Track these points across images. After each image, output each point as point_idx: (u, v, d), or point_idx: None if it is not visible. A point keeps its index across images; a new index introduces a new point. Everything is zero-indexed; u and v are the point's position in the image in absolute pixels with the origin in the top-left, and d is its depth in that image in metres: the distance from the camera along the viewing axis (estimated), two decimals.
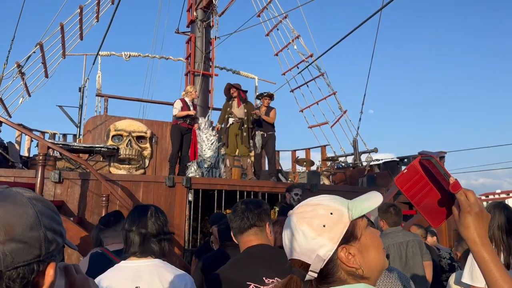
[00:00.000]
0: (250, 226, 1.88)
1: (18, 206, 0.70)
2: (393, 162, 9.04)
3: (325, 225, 0.92)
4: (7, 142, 7.83)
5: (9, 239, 0.66)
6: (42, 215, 0.72)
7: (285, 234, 0.98)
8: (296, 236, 0.94)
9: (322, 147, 11.51)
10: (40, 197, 0.76)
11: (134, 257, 1.76)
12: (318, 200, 0.99)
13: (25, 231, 0.68)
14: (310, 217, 0.94)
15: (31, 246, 0.69)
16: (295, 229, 0.95)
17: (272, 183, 7.06)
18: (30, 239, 0.69)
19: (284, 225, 1.00)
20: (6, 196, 0.71)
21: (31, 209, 0.71)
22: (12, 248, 0.66)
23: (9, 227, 0.67)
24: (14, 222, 0.68)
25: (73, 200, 5.49)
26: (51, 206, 0.77)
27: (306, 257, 0.93)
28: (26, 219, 0.69)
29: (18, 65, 8.52)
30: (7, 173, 5.49)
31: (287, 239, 0.97)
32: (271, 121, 7.67)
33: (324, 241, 0.91)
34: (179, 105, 7.18)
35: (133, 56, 12.14)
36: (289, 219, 0.99)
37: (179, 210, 5.93)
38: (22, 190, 0.75)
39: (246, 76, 14.67)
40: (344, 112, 11.04)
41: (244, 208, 1.91)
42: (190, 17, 10.84)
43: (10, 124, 5.41)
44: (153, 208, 1.84)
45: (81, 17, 9.67)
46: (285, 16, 10.99)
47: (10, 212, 0.68)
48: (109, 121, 9.74)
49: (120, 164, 6.71)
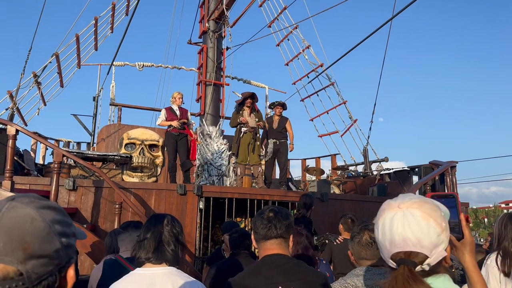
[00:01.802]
0: (276, 236, 1.87)
1: (29, 221, 0.70)
2: (404, 172, 8.98)
3: (445, 224, 1.06)
4: (23, 150, 8.01)
5: (29, 257, 0.68)
6: (54, 224, 0.73)
7: (408, 227, 1.04)
8: (426, 230, 1.03)
9: (332, 156, 11.51)
10: (47, 203, 0.76)
11: (149, 263, 1.78)
12: (431, 200, 1.10)
13: (42, 245, 0.69)
14: (435, 215, 1.05)
15: (51, 258, 0.71)
16: (426, 224, 1.03)
17: (282, 192, 7.08)
18: (48, 252, 0.70)
19: (401, 218, 1.05)
20: (16, 213, 0.70)
21: (42, 222, 0.71)
22: (34, 264, 0.68)
23: (26, 245, 0.68)
24: (29, 239, 0.68)
25: (87, 207, 5.59)
26: (59, 209, 0.77)
27: (427, 251, 1.03)
28: (40, 234, 0.70)
29: (35, 75, 8.73)
30: (23, 180, 5.61)
31: (412, 231, 1.03)
32: (292, 135, 7.85)
33: (444, 239, 1.05)
34: (163, 114, 7.20)
35: (146, 66, 12.35)
36: (408, 213, 1.05)
37: (190, 218, 5.99)
38: (28, 199, 0.74)
39: (257, 86, 14.80)
40: (355, 121, 11.04)
41: (272, 217, 1.90)
42: (202, 28, 10.99)
43: (26, 132, 5.53)
44: (169, 217, 1.87)
45: (96, 28, 9.89)
46: (295, 26, 11.08)
47: (23, 230, 0.68)
48: (122, 130, 9.90)
49: (132, 172, 6.82)
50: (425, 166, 8.43)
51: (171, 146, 7.11)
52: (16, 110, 8.44)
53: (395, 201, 1.10)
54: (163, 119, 7.17)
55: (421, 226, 1.02)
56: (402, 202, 1.07)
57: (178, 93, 7.36)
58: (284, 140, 7.78)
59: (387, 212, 1.09)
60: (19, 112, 8.59)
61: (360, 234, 2.00)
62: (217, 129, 9.28)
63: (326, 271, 3.47)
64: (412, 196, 1.10)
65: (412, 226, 1.03)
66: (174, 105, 7.30)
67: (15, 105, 8.33)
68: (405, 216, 1.04)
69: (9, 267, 0.67)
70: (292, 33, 11.32)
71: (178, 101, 7.30)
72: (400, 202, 1.08)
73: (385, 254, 1.09)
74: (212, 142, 8.94)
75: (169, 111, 7.22)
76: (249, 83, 14.44)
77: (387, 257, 1.08)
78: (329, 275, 3.47)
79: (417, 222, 1.03)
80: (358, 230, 2.03)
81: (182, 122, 7.12)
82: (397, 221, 1.04)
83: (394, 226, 1.05)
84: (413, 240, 1.02)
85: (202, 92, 10.39)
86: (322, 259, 3.78)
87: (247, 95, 7.54)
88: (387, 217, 1.08)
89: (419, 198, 1.09)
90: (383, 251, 1.10)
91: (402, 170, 9.08)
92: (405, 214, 1.04)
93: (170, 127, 7.11)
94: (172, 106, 7.30)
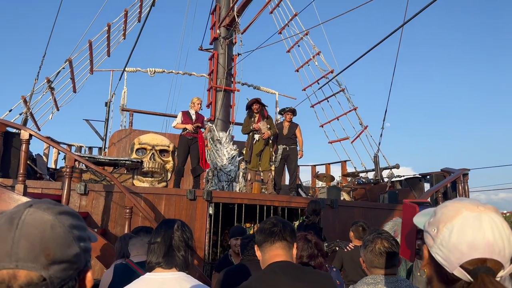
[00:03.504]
0: (280, 239, 1.86)
1: (49, 227, 0.71)
2: (415, 179, 8.88)
3: None
4: (36, 154, 8.12)
5: (51, 262, 0.70)
6: (72, 229, 0.75)
7: (497, 231, 0.92)
8: (510, 239, 0.92)
9: (342, 162, 11.44)
10: (64, 208, 0.78)
11: (159, 268, 1.79)
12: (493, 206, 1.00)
13: (63, 250, 0.71)
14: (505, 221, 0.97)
15: (71, 262, 0.73)
16: (510, 232, 0.93)
17: (291, 198, 7.06)
18: (69, 257, 0.72)
19: (489, 221, 0.93)
20: (35, 220, 0.72)
21: (61, 228, 0.73)
22: (56, 269, 0.70)
23: (48, 251, 0.69)
24: (51, 245, 0.70)
25: (98, 211, 5.63)
26: (75, 214, 0.79)
27: (505, 261, 0.91)
28: (60, 239, 0.72)
29: (48, 80, 8.87)
30: (35, 184, 5.68)
31: (501, 237, 0.92)
32: (301, 142, 7.88)
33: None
34: (180, 117, 7.31)
35: (157, 72, 12.47)
36: (493, 217, 0.94)
37: (199, 223, 5.99)
38: (45, 205, 0.75)
39: (267, 92, 14.82)
40: (365, 128, 10.97)
41: (275, 222, 1.91)
42: (213, 35, 11.08)
43: (39, 137, 5.60)
44: (180, 222, 1.88)
45: (109, 35, 10.03)
46: (306, 33, 11.09)
47: (44, 236, 0.70)
48: (134, 135, 9.98)
49: (143, 177, 6.86)
50: (437, 173, 8.33)
51: (182, 150, 7.16)
52: (30, 115, 8.57)
53: (470, 202, 0.98)
54: (179, 121, 7.27)
55: (507, 234, 0.92)
56: (478, 205, 0.96)
57: (197, 99, 7.49)
58: (293, 146, 7.80)
59: (466, 212, 0.95)
60: (32, 117, 8.72)
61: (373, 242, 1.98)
62: (227, 134, 9.30)
63: (337, 279, 3.43)
64: (475, 200, 1.00)
65: (501, 232, 0.92)
66: (192, 109, 7.41)
67: (29, 110, 8.46)
68: (492, 219, 0.93)
69: (33, 273, 0.68)
70: (303, 40, 11.33)
71: (197, 106, 7.41)
72: (476, 204, 0.96)
73: (453, 260, 0.94)
74: (222, 148, 8.96)
75: (186, 115, 7.32)
76: (259, 89, 14.48)
77: (456, 264, 0.93)
78: (340, 283, 3.44)
79: (504, 229, 0.92)
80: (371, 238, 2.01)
81: (196, 126, 7.18)
82: (485, 224, 0.92)
83: (482, 229, 0.92)
84: (500, 246, 0.91)
85: (212, 98, 10.45)
86: (332, 266, 3.74)
87: (251, 101, 7.60)
88: (468, 217, 0.94)
89: (485, 204, 0.98)
90: (451, 256, 0.94)
91: (414, 177, 8.99)
92: (492, 218, 0.93)
93: (185, 131, 7.19)
94: (190, 111, 7.40)
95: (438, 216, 1.00)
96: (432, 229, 0.99)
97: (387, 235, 2.03)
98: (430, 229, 1.00)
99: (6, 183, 5.27)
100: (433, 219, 1.01)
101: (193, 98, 7.49)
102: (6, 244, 0.68)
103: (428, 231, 1.01)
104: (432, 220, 1.01)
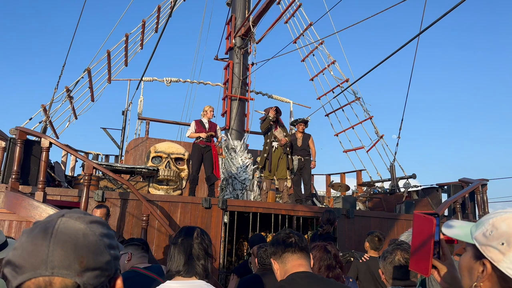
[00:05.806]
0: (301, 249, 1.86)
1: (82, 236, 0.74)
2: (433, 189, 8.76)
3: None
4: (54, 162, 8.28)
5: (85, 269, 0.72)
6: (103, 237, 0.77)
7: None
8: None
9: (357, 171, 11.35)
10: (94, 218, 0.80)
11: (179, 276, 1.80)
12: None
13: (96, 258, 0.74)
14: None
15: (103, 270, 0.75)
16: None
17: (307, 207, 7.02)
18: (101, 264, 0.75)
19: None
20: (68, 229, 0.74)
21: (93, 236, 0.76)
22: (89, 277, 0.73)
23: (82, 259, 0.72)
24: (84, 253, 0.73)
25: (114, 218, 5.68)
26: (104, 223, 0.82)
27: None
28: (93, 247, 0.75)
29: (67, 90, 9.06)
30: (54, 191, 5.78)
31: None
32: (314, 152, 7.94)
33: None
34: (193, 126, 7.38)
35: (173, 82, 12.63)
36: None
37: (214, 232, 6.00)
38: (77, 215, 0.78)
39: (281, 100, 14.85)
40: (381, 137, 10.87)
41: (290, 234, 1.91)
42: (228, 44, 11.19)
43: (59, 145, 5.71)
44: (199, 230, 1.89)
45: (127, 45, 10.23)
46: (321, 42, 11.11)
47: (78, 244, 0.73)
48: (150, 143, 10.10)
49: (158, 185, 6.92)
50: (454, 183, 8.21)
51: (196, 158, 7.21)
52: (49, 124, 8.75)
53: None
54: (192, 131, 7.35)
55: None
56: None
57: (209, 107, 7.55)
58: (308, 157, 7.90)
59: None
60: (51, 125, 8.89)
61: (392, 254, 1.96)
62: (242, 143, 9.34)
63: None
64: None
65: None
66: (204, 118, 7.48)
67: (48, 118, 8.64)
68: None
69: (67, 280, 0.71)
70: (318, 49, 11.36)
71: (209, 114, 7.48)
72: None
73: None
74: (236, 156, 9.00)
75: (199, 124, 7.39)
76: (273, 97, 14.53)
77: None
78: None
79: None
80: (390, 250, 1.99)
81: (210, 135, 7.24)
82: None
83: None
84: None
85: (227, 107, 10.52)
86: (349, 277, 3.71)
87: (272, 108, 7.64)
88: None
89: None
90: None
91: (431, 187, 8.87)
92: None
93: (198, 139, 7.25)
94: (202, 119, 7.47)
95: (504, 229, 0.95)
96: (499, 243, 0.94)
97: (406, 246, 2.02)
98: (495, 243, 0.95)
99: (25, 190, 5.38)
100: (494, 232, 0.96)
101: (205, 107, 7.56)
102: (41, 253, 0.71)
103: (492, 245, 0.95)
104: (494, 233, 0.96)
